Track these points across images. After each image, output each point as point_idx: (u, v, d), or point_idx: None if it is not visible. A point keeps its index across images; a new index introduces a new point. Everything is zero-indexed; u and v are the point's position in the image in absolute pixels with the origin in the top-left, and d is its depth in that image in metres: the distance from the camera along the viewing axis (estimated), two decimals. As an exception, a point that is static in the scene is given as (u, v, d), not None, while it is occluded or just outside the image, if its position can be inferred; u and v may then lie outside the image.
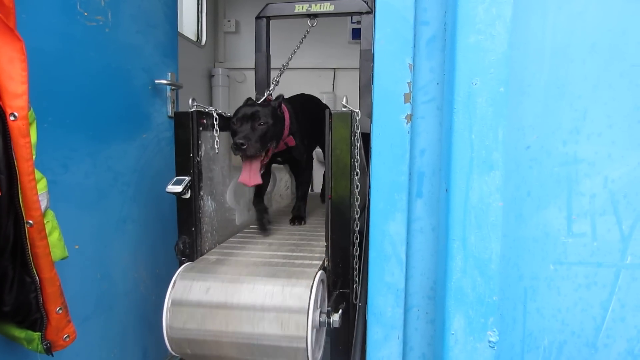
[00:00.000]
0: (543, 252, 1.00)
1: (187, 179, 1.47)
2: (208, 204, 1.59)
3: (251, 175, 1.56)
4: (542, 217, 0.99)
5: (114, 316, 1.66)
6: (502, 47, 0.90)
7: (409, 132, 1.03)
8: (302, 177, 2.04)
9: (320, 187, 2.58)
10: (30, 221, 0.88)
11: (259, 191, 1.92)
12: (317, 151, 2.29)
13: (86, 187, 1.48)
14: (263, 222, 1.84)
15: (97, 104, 1.52)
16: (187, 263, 1.45)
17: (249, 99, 1.76)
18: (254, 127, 1.55)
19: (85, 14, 1.43)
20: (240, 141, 1.48)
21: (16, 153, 0.84)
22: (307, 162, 2.01)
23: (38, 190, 0.94)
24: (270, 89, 1.82)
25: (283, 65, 1.98)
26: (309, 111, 2.02)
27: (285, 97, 1.80)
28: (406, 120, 1.03)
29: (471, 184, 0.92)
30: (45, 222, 0.96)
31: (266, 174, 1.99)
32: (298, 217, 1.99)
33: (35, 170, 0.94)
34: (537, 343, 1.02)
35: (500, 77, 0.91)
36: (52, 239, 0.97)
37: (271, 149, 1.65)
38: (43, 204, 0.96)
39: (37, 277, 0.92)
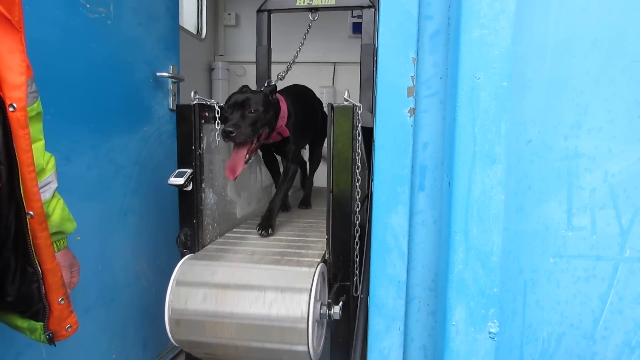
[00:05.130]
0: (543, 245, 1.01)
1: (189, 171, 1.47)
2: (209, 197, 1.59)
3: (235, 165, 1.54)
4: (543, 210, 1.00)
5: (115, 308, 1.66)
6: (506, 41, 0.91)
7: (412, 126, 1.04)
8: (285, 172, 1.85)
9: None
10: (31, 212, 0.88)
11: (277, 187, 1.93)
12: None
13: (88, 179, 1.49)
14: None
15: (99, 97, 1.52)
16: (189, 255, 1.46)
17: (244, 86, 1.75)
18: (244, 114, 1.55)
19: (88, 5, 1.43)
20: (230, 129, 1.48)
21: (16, 144, 0.84)
22: (293, 157, 1.86)
23: (47, 170, 0.95)
24: (275, 81, 1.82)
25: (289, 64, 1.98)
26: (303, 104, 2.01)
27: (279, 89, 1.79)
28: (409, 114, 1.03)
29: (473, 178, 0.93)
30: (57, 200, 0.97)
31: (276, 166, 2.02)
32: (263, 226, 1.66)
33: (45, 152, 0.95)
34: (536, 335, 1.04)
35: (504, 71, 0.91)
36: (64, 214, 0.99)
37: (263, 134, 1.64)
38: (54, 184, 0.97)
39: (39, 268, 0.92)
